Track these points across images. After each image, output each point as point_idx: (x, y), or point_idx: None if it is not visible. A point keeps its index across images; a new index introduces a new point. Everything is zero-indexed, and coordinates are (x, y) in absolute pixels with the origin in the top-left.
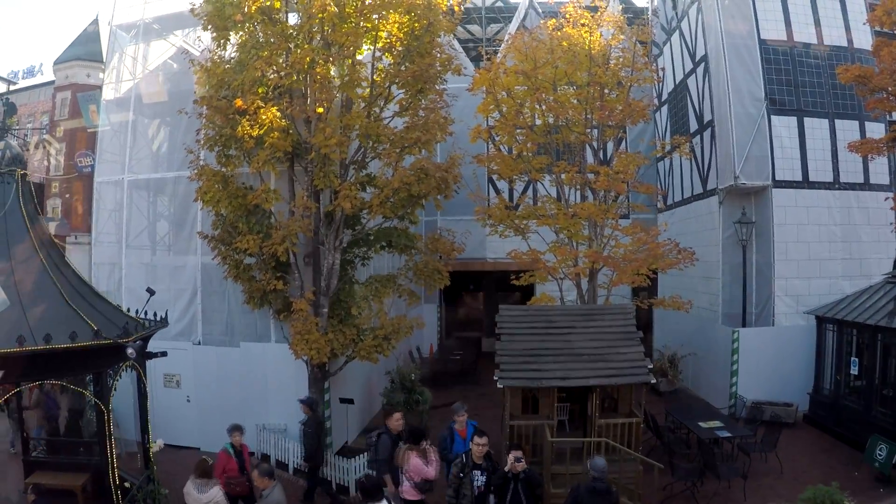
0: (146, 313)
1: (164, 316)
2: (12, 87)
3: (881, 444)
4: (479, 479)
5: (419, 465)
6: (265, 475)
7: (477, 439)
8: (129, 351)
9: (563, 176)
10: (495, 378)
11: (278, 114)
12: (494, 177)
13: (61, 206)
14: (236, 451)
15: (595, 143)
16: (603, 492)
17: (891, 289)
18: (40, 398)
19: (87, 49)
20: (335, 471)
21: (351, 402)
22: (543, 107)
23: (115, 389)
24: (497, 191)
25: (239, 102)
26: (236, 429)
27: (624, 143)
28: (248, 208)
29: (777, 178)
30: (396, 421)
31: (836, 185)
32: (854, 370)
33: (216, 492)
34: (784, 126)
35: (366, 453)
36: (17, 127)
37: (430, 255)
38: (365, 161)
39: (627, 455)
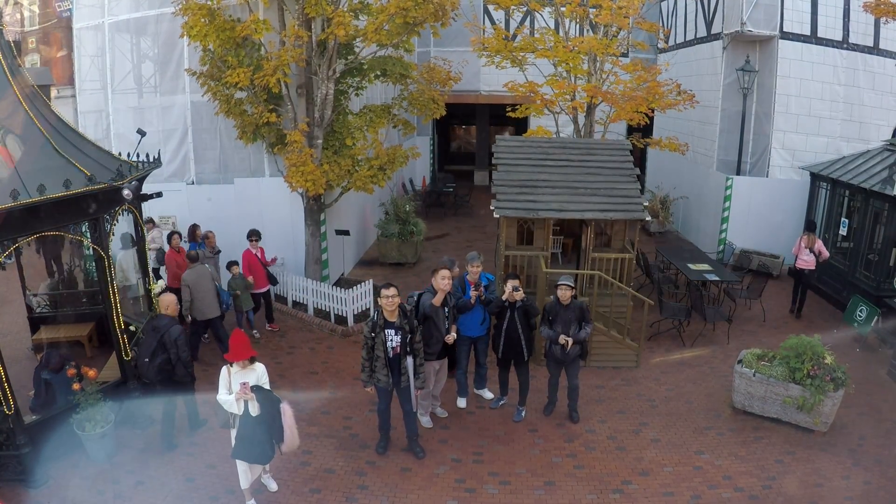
0: (138, 155)
1: (156, 156)
2: None
3: (862, 306)
4: (394, 338)
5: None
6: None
7: (384, 291)
8: (126, 192)
9: (563, 8)
10: (491, 208)
11: None
12: (492, 7)
13: (40, 62)
14: None
15: None
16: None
17: (888, 156)
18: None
19: None
20: (334, 302)
21: (347, 233)
22: None
23: (112, 234)
24: (493, 21)
25: None
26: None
27: None
28: (236, 41)
29: (785, 30)
30: (443, 279)
31: (844, 44)
32: (843, 231)
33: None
34: None
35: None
36: None
37: (425, 85)
38: None
39: (619, 289)
